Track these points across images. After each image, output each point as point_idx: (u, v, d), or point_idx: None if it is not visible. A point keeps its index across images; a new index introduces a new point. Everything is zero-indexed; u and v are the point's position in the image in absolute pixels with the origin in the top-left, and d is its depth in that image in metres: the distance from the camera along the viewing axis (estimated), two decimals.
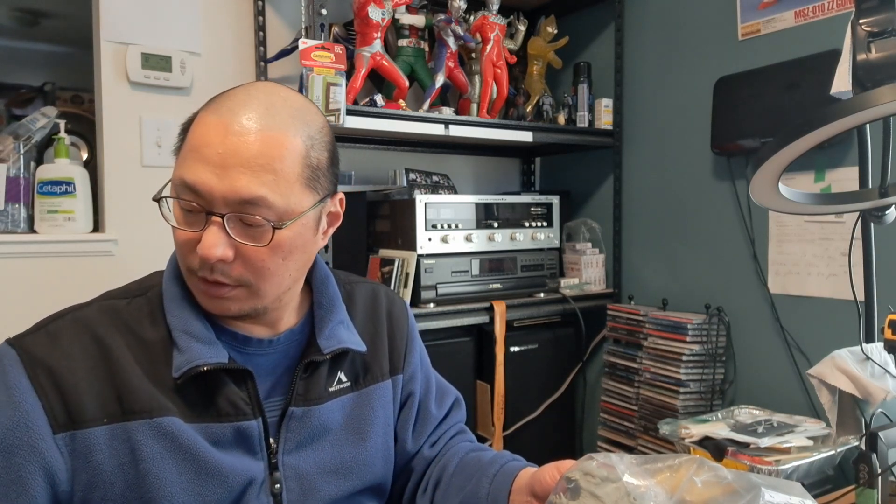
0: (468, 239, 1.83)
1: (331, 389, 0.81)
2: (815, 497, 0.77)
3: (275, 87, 0.74)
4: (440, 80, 1.83)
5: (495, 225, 1.89)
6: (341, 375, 0.82)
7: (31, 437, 0.65)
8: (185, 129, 0.72)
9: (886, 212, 1.08)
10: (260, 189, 0.66)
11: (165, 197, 0.69)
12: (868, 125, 1.08)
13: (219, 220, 0.67)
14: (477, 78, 1.93)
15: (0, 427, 0.65)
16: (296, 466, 0.76)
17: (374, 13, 1.64)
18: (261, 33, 1.79)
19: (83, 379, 0.68)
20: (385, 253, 1.83)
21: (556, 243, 2.02)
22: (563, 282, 2.04)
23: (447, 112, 1.77)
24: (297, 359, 0.80)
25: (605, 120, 2.08)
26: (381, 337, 0.88)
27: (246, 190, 0.66)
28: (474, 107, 1.94)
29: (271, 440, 0.75)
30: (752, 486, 0.68)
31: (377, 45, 1.68)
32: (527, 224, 1.96)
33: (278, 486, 0.74)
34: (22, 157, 1.54)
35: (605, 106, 2.09)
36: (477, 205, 1.86)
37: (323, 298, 0.83)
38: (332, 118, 1.55)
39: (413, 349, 0.92)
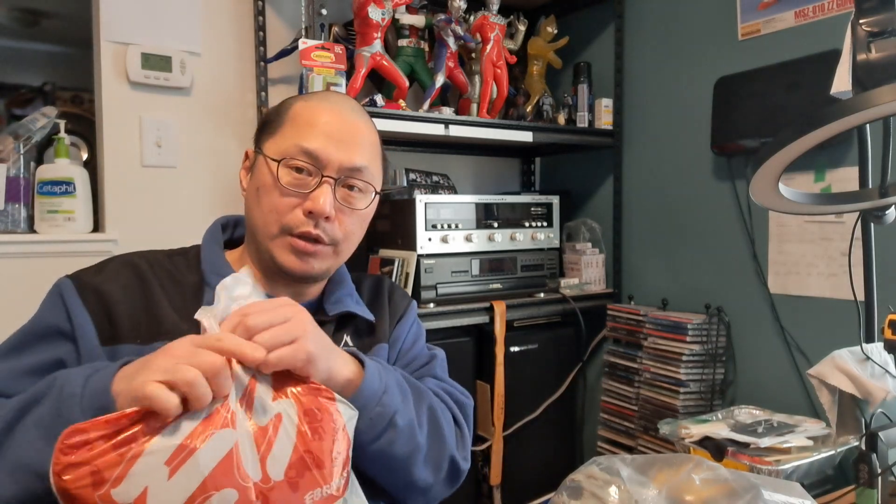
0: (468, 239, 1.83)
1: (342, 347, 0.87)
2: (815, 497, 0.77)
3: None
4: (440, 80, 1.83)
5: (495, 225, 1.89)
6: (347, 339, 0.90)
7: (84, 343, 0.76)
8: (276, 114, 0.86)
9: (886, 212, 1.08)
10: (369, 160, 0.85)
11: (289, 158, 0.80)
12: (868, 125, 1.08)
13: (330, 181, 0.81)
14: (477, 78, 1.93)
15: (53, 324, 0.77)
16: None
17: (374, 13, 1.64)
18: (261, 33, 1.79)
19: (123, 303, 0.80)
20: (385, 253, 1.83)
21: (556, 243, 2.02)
22: (563, 282, 2.03)
23: (447, 112, 1.77)
24: None
25: (605, 120, 2.08)
26: (384, 313, 0.96)
27: (359, 158, 0.83)
28: (474, 107, 1.94)
29: None
30: (752, 485, 0.69)
31: (377, 45, 1.68)
32: (527, 224, 1.96)
33: None
34: (22, 157, 1.54)
35: (605, 106, 2.09)
36: (477, 205, 1.86)
37: (335, 276, 0.94)
38: None
39: (404, 322, 0.98)
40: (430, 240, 1.75)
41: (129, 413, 0.57)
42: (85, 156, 1.98)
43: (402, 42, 1.84)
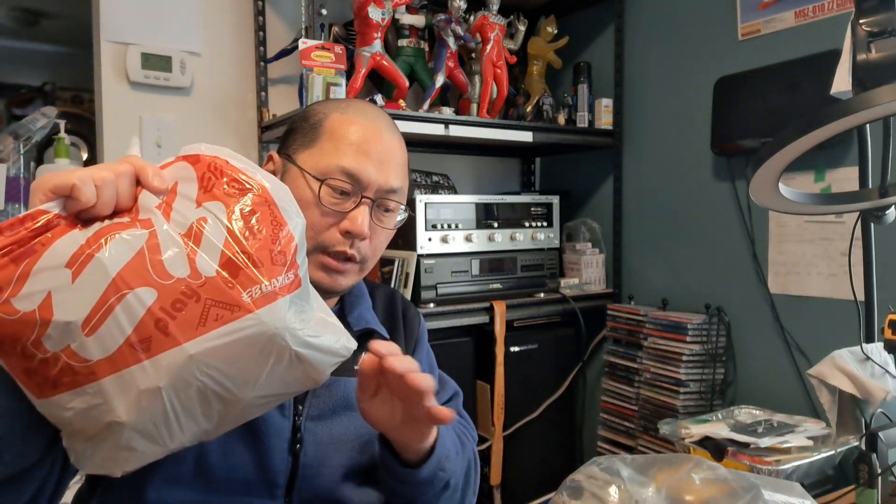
0: (468, 239, 1.83)
1: (356, 367, 0.87)
2: (815, 497, 0.77)
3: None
4: (440, 80, 1.83)
5: (495, 225, 1.89)
6: (364, 357, 0.88)
7: None
8: (308, 123, 0.84)
9: (886, 212, 1.08)
10: (403, 181, 0.86)
11: (331, 178, 0.80)
12: (868, 125, 1.08)
13: (368, 202, 0.81)
14: (477, 78, 1.93)
15: None
16: (315, 432, 0.82)
17: (374, 13, 1.64)
18: (261, 33, 1.79)
19: None
20: (385, 253, 1.83)
21: (556, 243, 2.02)
22: (563, 282, 2.04)
23: (447, 112, 1.77)
24: None
25: (605, 120, 2.08)
26: (399, 332, 0.96)
27: (395, 180, 0.84)
28: (474, 107, 1.94)
29: (300, 405, 0.82)
30: (752, 485, 0.69)
31: (377, 45, 1.68)
32: (527, 224, 1.96)
33: (298, 446, 0.80)
34: (22, 157, 1.54)
35: (605, 106, 2.09)
36: (477, 205, 1.86)
37: (353, 289, 0.92)
38: None
39: (420, 349, 0.98)
40: (430, 240, 1.75)
41: (24, 218, 0.54)
42: (85, 156, 1.98)
43: (402, 42, 1.84)
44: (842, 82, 1.02)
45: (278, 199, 0.63)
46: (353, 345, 0.67)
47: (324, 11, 1.78)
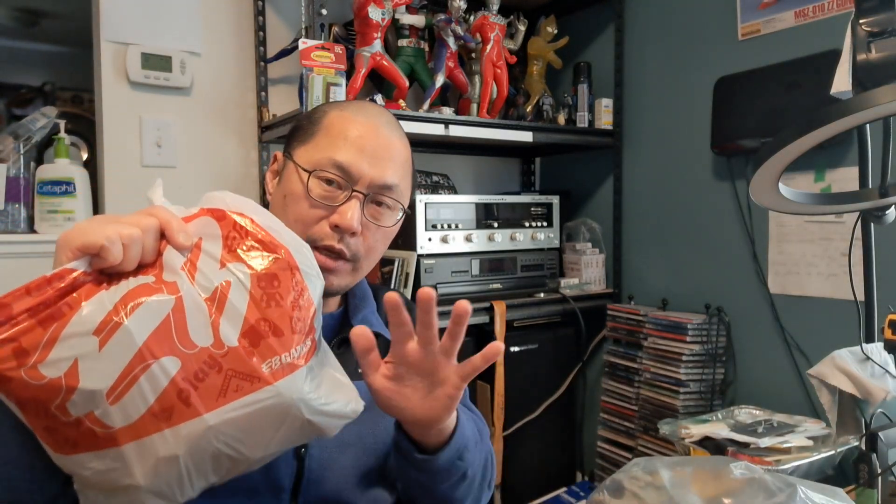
0: (468, 239, 1.82)
1: (359, 371, 0.86)
2: None
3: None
4: (440, 80, 1.82)
5: (495, 225, 1.89)
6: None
7: None
8: (310, 121, 0.84)
9: (886, 212, 1.08)
10: (401, 178, 0.84)
11: (320, 170, 0.79)
12: (868, 125, 1.09)
13: (360, 196, 0.79)
14: (477, 78, 1.93)
15: None
16: None
17: (374, 13, 1.64)
18: (261, 33, 1.79)
19: None
20: (385, 253, 1.83)
21: (556, 243, 2.02)
22: (563, 282, 2.03)
23: (447, 112, 1.77)
24: (329, 340, 0.86)
25: (605, 120, 2.08)
26: None
27: (390, 176, 0.82)
28: (474, 107, 1.94)
29: None
30: (789, 484, 0.69)
31: (377, 45, 1.68)
32: (527, 224, 1.96)
33: (304, 450, 0.80)
34: (22, 157, 1.54)
35: (605, 106, 2.09)
36: (477, 205, 1.86)
37: (357, 291, 0.93)
38: None
39: None
40: (430, 240, 1.75)
41: (51, 278, 0.54)
42: (85, 156, 1.98)
43: (402, 42, 1.84)
44: (842, 82, 1.03)
45: (300, 262, 0.63)
46: (361, 406, 0.67)
47: (324, 11, 1.78)
